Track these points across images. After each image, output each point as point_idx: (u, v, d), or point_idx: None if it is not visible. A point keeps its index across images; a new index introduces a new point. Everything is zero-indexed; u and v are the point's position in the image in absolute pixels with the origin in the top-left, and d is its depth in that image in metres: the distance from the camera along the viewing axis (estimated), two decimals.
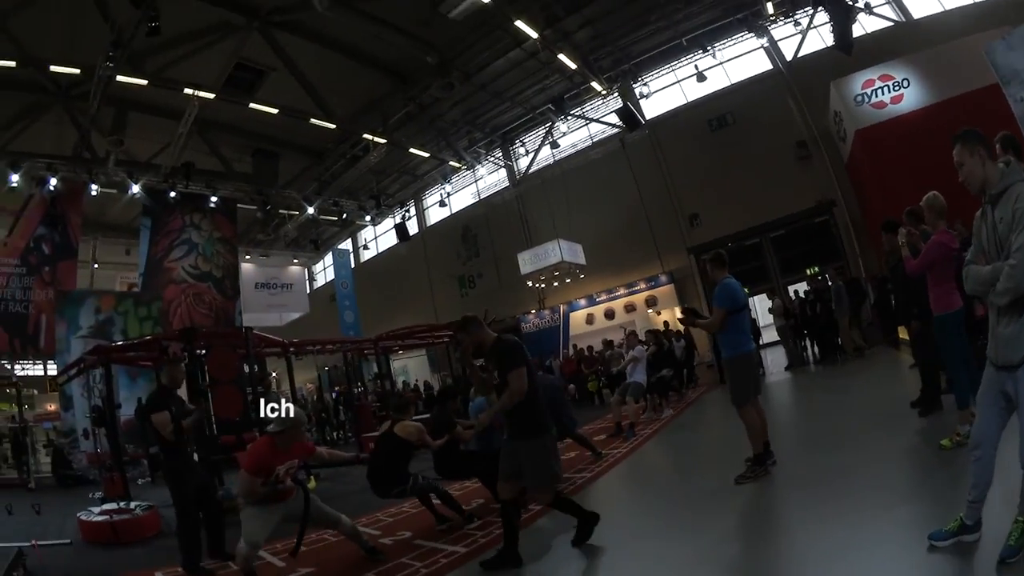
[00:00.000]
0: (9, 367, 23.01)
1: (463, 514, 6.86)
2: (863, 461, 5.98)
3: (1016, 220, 3.13)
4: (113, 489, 10.59)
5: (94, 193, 21.18)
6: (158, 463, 15.06)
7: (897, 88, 17.41)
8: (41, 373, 25.09)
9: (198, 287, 23.39)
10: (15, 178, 18.82)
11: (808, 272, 18.06)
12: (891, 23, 20.91)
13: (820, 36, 20.98)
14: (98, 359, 12.49)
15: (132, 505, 8.78)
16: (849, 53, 17.26)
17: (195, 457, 8.26)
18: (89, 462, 15.43)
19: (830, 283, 16.19)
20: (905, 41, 19.40)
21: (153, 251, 22.83)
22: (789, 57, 22.50)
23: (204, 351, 11.59)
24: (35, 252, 20.27)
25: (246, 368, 12.44)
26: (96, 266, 27.63)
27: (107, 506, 8.84)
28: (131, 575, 6.42)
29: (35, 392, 24.96)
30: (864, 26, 20.39)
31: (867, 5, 20.03)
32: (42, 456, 17.89)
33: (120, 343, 15.50)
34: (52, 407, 22.53)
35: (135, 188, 21.41)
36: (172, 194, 22.45)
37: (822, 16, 19.15)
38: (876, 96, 17.55)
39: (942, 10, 20.32)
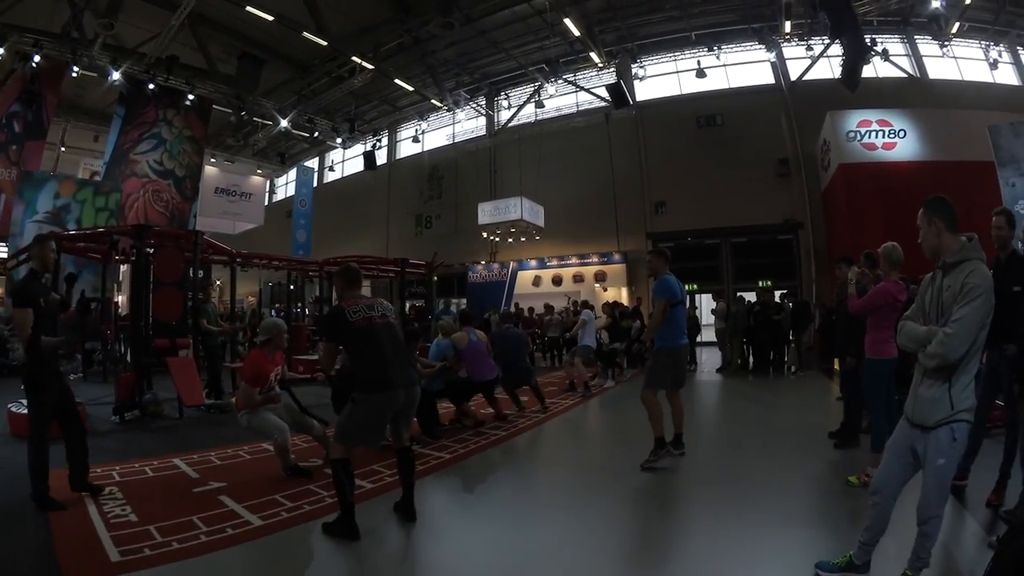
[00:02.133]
0: None
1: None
2: (771, 475, 6.19)
3: (963, 293, 3.22)
4: None
5: (74, 75, 20.75)
6: (91, 359, 14.78)
7: (892, 136, 17.87)
8: None
9: (158, 184, 23.05)
10: (0, 51, 18.39)
11: (760, 284, 18.35)
12: (904, 75, 21.35)
13: (830, 65, 21.28)
14: None
15: None
16: (853, 91, 17.43)
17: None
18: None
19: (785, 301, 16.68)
20: (912, 95, 20.09)
21: (121, 141, 22.43)
22: (793, 77, 22.78)
23: (152, 250, 11.30)
24: (5, 129, 19.79)
25: (191, 273, 12.19)
26: (63, 149, 27.03)
27: None
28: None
29: None
30: (876, 69, 20.68)
31: (885, 52, 20.28)
32: None
33: (72, 232, 15.02)
34: None
35: (115, 75, 21.07)
36: (151, 86, 22.10)
37: (836, 48, 19.28)
38: (869, 137, 17.96)
39: (959, 79, 20.97)
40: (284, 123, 26.74)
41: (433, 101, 27.94)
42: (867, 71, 18.59)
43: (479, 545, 4.77)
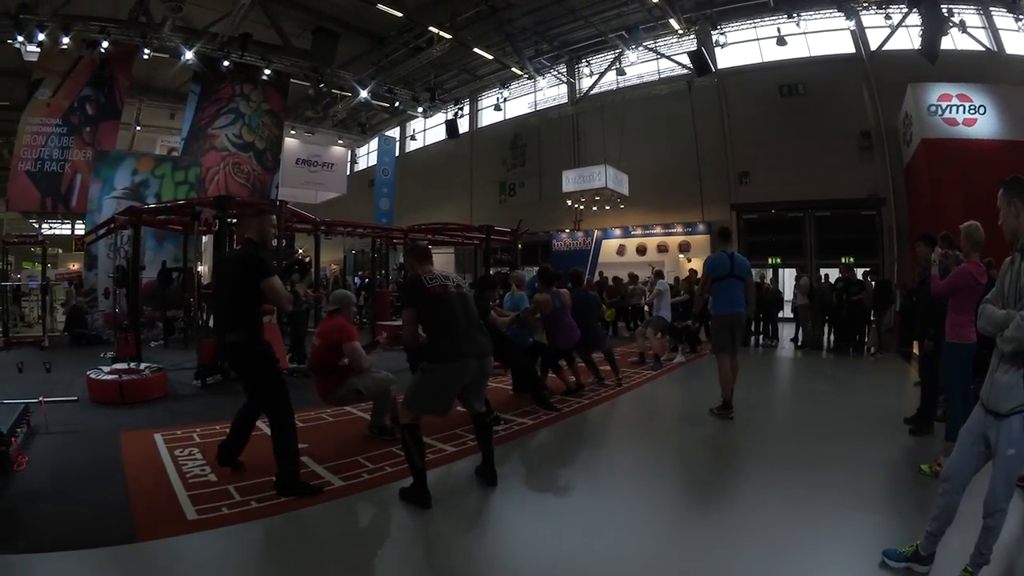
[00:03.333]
0: (37, 226, 23.51)
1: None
2: (843, 459, 6.04)
3: None
4: (126, 349, 10.81)
5: (145, 57, 21.38)
6: (172, 327, 15.21)
7: (973, 111, 17.16)
8: (68, 232, 25.53)
9: (238, 156, 23.65)
10: (66, 40, 19.11)
11: (843, 260, 17.84)
12: (982, 48, 20.29)
13: (908, 36, 20.28)
14: (129, 220, 12.50)
15: (142, 366, 8.96)
16: (933, 62, 16.98)
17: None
18: (105, 322, 15.65)
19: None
20: (990, 70, 19.06)
21: (198, 117, 23.08)
22: (873, 47, 21.89)
23: (235, 220, 11.54)
24: (78, 112, 20.50)
25: (275, 242, 12.40)
26: (138, 128, 28.03)
27: (117, 366, 8.98)
28: (131, 435, 6.49)
29: (59, 251, 25.54)
30: (955, 41, 19.75)
31: (962, 23, 19.42)
32: (59, 315, 18.00)
33: (153, 205, 15.49)
34: (75, 266, 22.93)
35: (188, 54, 21.65)
36: (226, 63, 22.63)
37: (914, 18, 18.46)
38: (950, 112, 17.27)
39: None
40: (364, 94, 27.03)
41: (514, 69, 27.73)
42: (945, 43, 17.83)
43: (554, 512, 4.83)
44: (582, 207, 25.85)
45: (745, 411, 7.80)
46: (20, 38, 18.97)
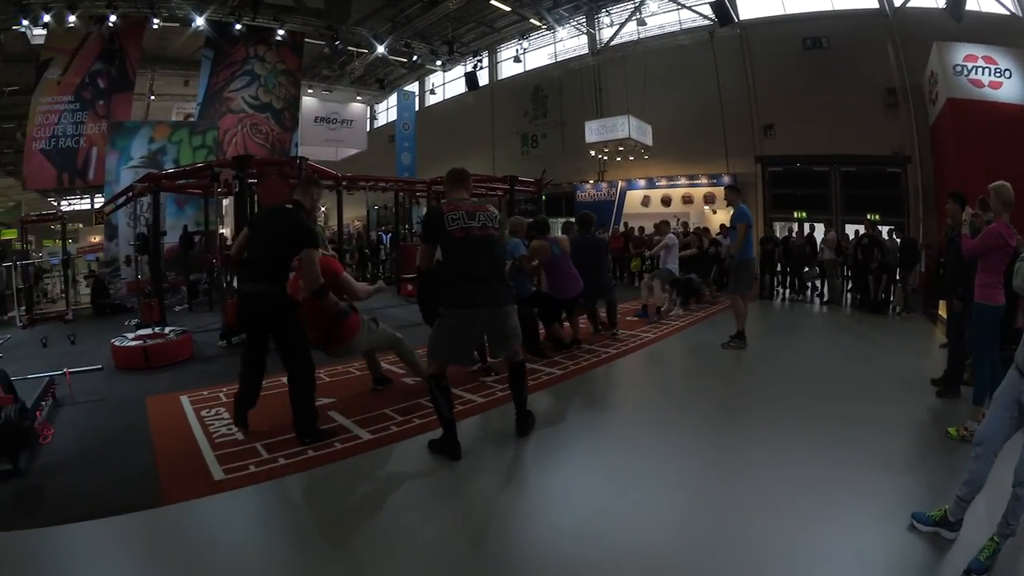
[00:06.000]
0: (56, 203, 23.51)
1: (485, 363, 7.34)
2: (870, 418, 5.99)
3: None
4: (150, 315, 10.93)
5: (155, 26, 21.17)
6: (196, 290, 15.32)
7: (999, 75, 16.60)
8: (87, 207, 25.59)
9: (256, 117, 23.55)
10: (72, 18, 18.99)
11: (868, 217, 17.55)
12: (1007, 13, 19.56)
13: None
14: (148, 186, 12.50)
15: (167, 330, 9.03)
16: (959, 21, 16.59)
17: None
18: (129, 290, 15.67)
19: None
20: (1014, 34, 18.27)
21: (213, 82, 22.92)
22: (898, 3, 21.13)
23: (255, 180, 11.45)
24: (90, 87, 20.37)
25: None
26: (153, 98, 28.06)
27: (141, 331, 9.06)
28: (156, 399, 6.56)
29: (80, 226, 25.70)
30: (979, 3, 19.14)
31: None
32: (82, 288, 18.01)
33: (171, 170, 15.32)
34: (96, 239, 23.00)
35: (199, 20, 21.40)
36: (238, 27, 22.38)
37: None
38: (976, 73, 16.68)
39: None
40: (381, 49, 26.71)
41: (532, 21, 27.24)
42: (970, 3, 17.38)
43: (581, 465, 4.85)
44: (606, 158, 25.44)
45: (769, 364, 7.95)
46: (25, 22, 19.00)
